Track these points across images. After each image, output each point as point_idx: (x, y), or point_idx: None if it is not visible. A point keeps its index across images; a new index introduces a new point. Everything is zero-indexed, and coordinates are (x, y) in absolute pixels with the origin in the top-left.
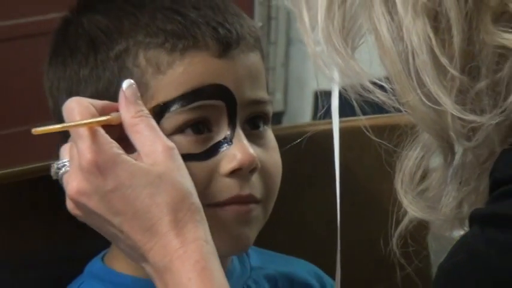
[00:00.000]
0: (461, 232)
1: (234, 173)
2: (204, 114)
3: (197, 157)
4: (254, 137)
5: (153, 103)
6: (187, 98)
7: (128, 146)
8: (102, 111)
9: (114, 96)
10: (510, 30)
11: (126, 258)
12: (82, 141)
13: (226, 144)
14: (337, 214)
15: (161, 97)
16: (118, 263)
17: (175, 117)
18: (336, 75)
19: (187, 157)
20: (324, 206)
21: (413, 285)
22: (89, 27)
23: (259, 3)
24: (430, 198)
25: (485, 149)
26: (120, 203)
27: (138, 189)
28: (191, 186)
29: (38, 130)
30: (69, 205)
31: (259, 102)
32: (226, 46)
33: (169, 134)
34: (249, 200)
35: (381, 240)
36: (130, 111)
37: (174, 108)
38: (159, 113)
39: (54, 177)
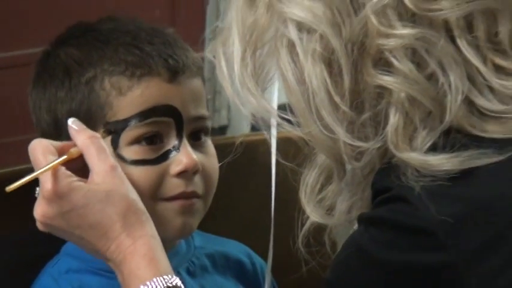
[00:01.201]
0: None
1: (180, 174)
2: (157, 129)
3: (151, 162)
4: (197, 146)
5: (115, 119)
6: (144, 115)
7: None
8: (62, 150)
9: (85, 114)
10: (385, 73)
11: None
12: (43, 176)
13: (174, 152)
14: (267, 208)
15: (122, 114)
16: None
17: (133, 130)
18: (249, 112)
19: (143, 162)
20: (252, 199)
21: (317, 275)
22: (64, 58)
23: (209, 40)
24: (327, 206)
25: (369, 167)
26: (77, 219)
27: (90, 206)
28: (135, 195)
29: (11, 187)
30: (38, 225)
31: (200, 118)
32: (174, 73)
33: (129, 144)
34: (192, 195)
35: (290, 240)
36: (81, 137)
37: (133, 123)
38: (120, 127)
39: (37, 197)
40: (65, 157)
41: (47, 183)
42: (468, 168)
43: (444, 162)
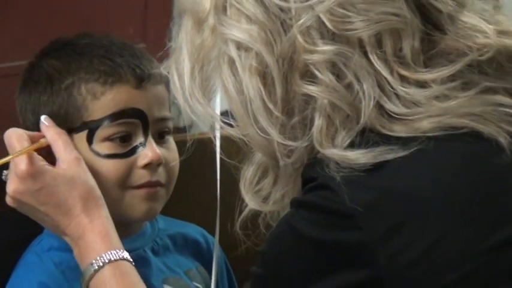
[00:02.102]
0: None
1: (146, 166)
2: (126, 128)
3: (121, 156)
4: (161, 142)
5: (90, 119)
6: (115, 116)
7: (54, 157)
8: (33, 139)
9: (64, 115)
10: (310, 83)
11: None
12: (18, 158)
13: (141, 147)
14: (215, 198)
15: (97, 115)
16: None
17: (106, 129)
18: (198, 118)
19: (114, 156)
20: (206, 188)
21: (254, 252)
22: (47, 68)
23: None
24: (263, 195)
25: (299, 162)
26: (45, 197)
27: (58, 187)
28: (94, 183)
29: None
30: (8, 200)
31: (163, 119)
32: (141, 81)
33: (102, 140)
34: (156, 184)
35: (234, 223)
36: (51, 132)
37: (105, 123)
38: (95, 126)
39: (4, 180)
40: (37, 144)
41: (21, 164)
42: (379, 162)
43: (360, 156)
